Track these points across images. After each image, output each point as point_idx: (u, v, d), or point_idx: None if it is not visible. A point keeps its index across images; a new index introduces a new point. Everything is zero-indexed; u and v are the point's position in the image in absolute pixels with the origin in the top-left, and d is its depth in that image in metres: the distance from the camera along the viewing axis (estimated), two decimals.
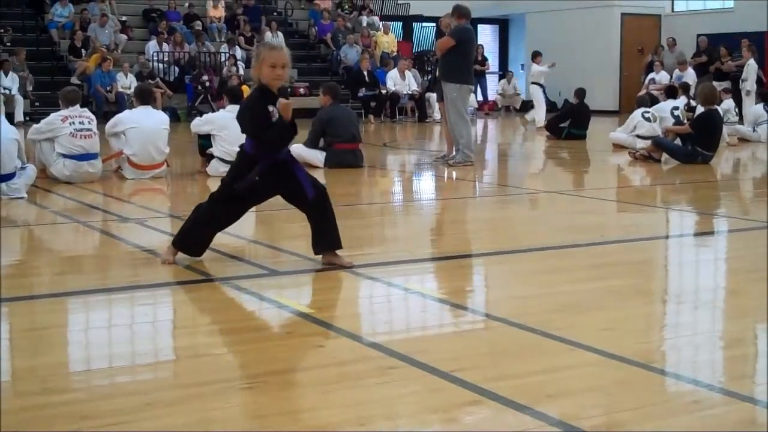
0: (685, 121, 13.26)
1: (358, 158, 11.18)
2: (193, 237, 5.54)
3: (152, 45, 22.28)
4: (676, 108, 13.85)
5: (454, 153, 11.83)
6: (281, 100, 5.20)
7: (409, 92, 22.55)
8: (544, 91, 19.93)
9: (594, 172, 12.80)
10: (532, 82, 20.06)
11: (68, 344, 4.15)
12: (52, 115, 9.87)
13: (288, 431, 3.00)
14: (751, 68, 19.40)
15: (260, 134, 5.27)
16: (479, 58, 23.56)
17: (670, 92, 14.91)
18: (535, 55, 20.07)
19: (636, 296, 4.90)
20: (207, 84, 21.40)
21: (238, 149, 5.51)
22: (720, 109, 13.06)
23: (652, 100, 14.64)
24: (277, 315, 4.48)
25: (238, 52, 22.85)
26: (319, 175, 10.67)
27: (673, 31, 24.26)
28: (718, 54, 21.53)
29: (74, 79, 20.31)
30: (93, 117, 10.01)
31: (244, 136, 5.41)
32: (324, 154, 11.12)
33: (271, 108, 5.19)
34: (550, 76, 20.32)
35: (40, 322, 4.50)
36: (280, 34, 24.46)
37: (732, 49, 21.16)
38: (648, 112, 13.85)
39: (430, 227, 7.80)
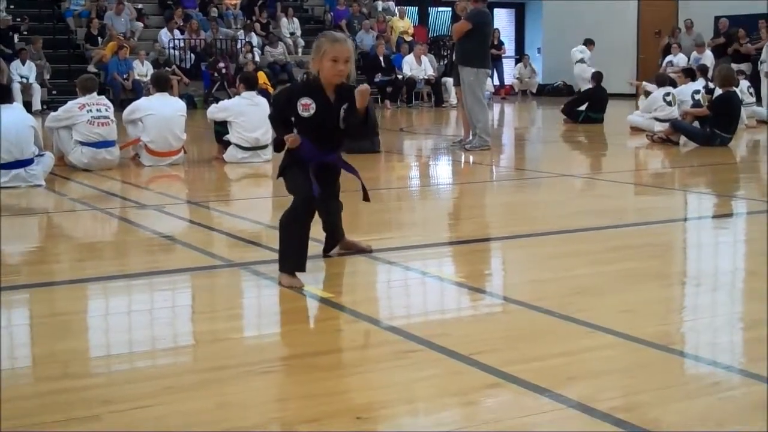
0: (705, 104, 13.17)
1: (374, 143, 11.16)
2: (296, 254, 4.84)
3: (164, 33, 22.28)
4: (697, 92, 13.76)
5: (470, 137, 11.81)
6: (360, 87, 4.79)
7: (425, 77, 22.49)
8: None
9: (611, 155, 12.75)
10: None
11: (88, 330, 4.17)
12: (69, 102, 9.90)
13: (307, 415, 3.01)
14: None
15: (272, 125, 5.13)
16: (495, 43, 23.48)
17: (690, 75, 14.80)
18: (589, 43, 19.96)
19: (654, 279, 4.89)
20: (223, 71, 21.40)
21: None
22: (737, 91, 12.98)
23: (671, 83, 14.54)
24: (295, 299, 4.49)
25: (254, 39, 22.85)
26: None
27: (690, 13, 24.10)
28: (735, 36, 21.38)
29: (91, 67, 20.34)
30: (110, 104, 10.04)
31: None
32: None
33: (307, 101, 4.77)
34: (567, 59, 20.26)
35: (60, 308, 4.53)
36: (295, 20, 24.45)
37: (750, 30, 21.00)
38: (669, 94, 13.77)
39: (447, 212, 7.80)
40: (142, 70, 20.52)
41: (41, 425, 2.94)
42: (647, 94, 14.90)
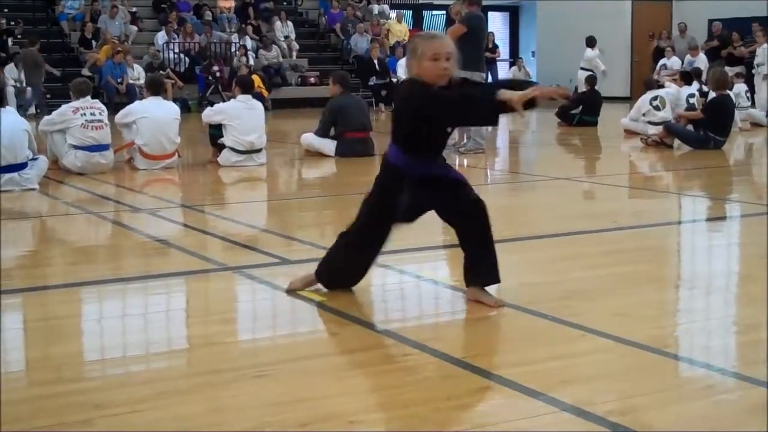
0: (699, 107, 13.19)
1: (369, 147, 11.17)
2: (341, 275, 4.62)
3: (161, 36, 22.29)
4: (692, 95, 13.77)
5: (465, 140, 11.82)
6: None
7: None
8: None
9: (606, 158, 12.77)
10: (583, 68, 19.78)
11: (82, 334, 4.16)
12: (63, 106, 9.89)
13: (301, 419, 3.00)
14: (766, 52, 19.24)
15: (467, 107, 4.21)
16: (490, 46, 23.49)
17: (686, 78, 14.80)
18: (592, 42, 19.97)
19: (648, 282, 4.89)
20: (217, 74, 21.40)
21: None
22: (731, 94, 13.00)
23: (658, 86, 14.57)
24: (289, 303, 4.48)
25: (249, 42, 22.85)
26: (330, 164, 10.69)
27: (684, 17, 24.14)
28: (729, 39, 21.41)
29: (85, 71, 20.32)
30: (104, 108, 10.02)
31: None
32: (335, 143, 11.12)
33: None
34: (561, 62, 20.26)
35: (54, 312, 4.51)
36: (289, 23, 24.45)
37: (744, 33, 21.03)
38: (656, 98, 13.78)
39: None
40: (134, 74, 20.49)
41: (35, 429, 2.93)
42: None
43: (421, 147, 4.32)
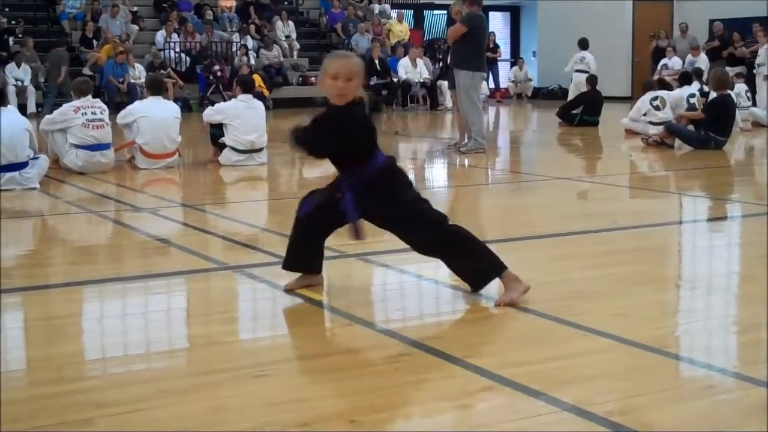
0: (700, 107, 13.19)
1: None
2: (297, 252, 4.66)
3: (160, 35, 22.29)
4: (693, 95, 13.76)
5: (466, 140, 11.82)
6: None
7: (421, 80, 22.50)
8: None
9: (606, 158, 12.77)
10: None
11: (83, 333, 4.17)
12: (64, 105, 9.90)
13: (301, 418, 3.01)
14: (766, 53, 19.22)
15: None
16: (491, 46, 23.49)
17: (686, 79, 14.80)
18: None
19: (649, 282, 4.89)
20: (218, 74, 21.39)
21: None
22: (732, 94, 12.99)
23: (664, 87, 14.55)
24: (290, 303, 4.49)
25: (250, 42, 22.85)
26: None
27: (685, 17, 24.14)
28: (730, 39, 21.41)
29: (86, 70, 20.32)
30: (105, 107, 10.03)
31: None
32: None
33: None
34: (562, 62, 20.28)
35: (55, 311, 4.52)
36: (290, 23, 24.45)
37: (744, 33, 21.02)
38: (656, 98, 13.77)
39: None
40: (135, 73, 20.49)
41: (35, 429, 2.94)
42: None
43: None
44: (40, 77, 20.35)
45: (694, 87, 14.50)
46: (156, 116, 10.01)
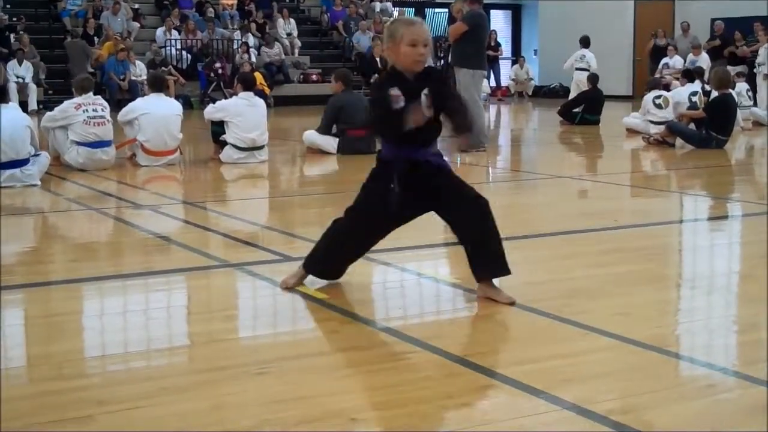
0: (702, 106, 13.17)
1: (371, 145, 11.13)
2: (328, 263, 4.66)
3: (160, 32, 22.28)
4: (695, 94, 13.74)
5: None
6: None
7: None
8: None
9: (607, 157, 12.76)
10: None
11: (83, 330, 4.16)
12: (65, 102, 9.89)
13: (302, 416, 3.01)
14: (767, 52, 19.22)
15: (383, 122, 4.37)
16: (492, 44, 23.47)
17: (688, 77, 14.78)
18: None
19: (650, 281, 4.88)
20: (220, 71, 21.39)
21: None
22: (733, 93, 12.98)
23: (664, 87, 14.54)
24: (290, 300, 4.49)
25: (251, 39, 22.85)
26: (332, 162, 10.69)
27: (686, 16, 24.13)
28: (732, 38, 21.40)
29: (87, 67, 20.32)
30: (106, 104, 10.02)
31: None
32: (337, 140, 11.12)
33: (396, 91, 4.22)
34: (563, 60, 20.27)
35: (55, 308, 4.52)
36: (292, 20, 24.45)
37: (746, 33, 21.02)
38: (659, 97, 13.76)
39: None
40: (136, 71, 20.49)
41: (35, 426, 2.94)
42: None
43: (400, 137, 4.28)
44: (41, 74, 20.34)
45: (697, 85, 14.48)
46: (157, 114, 10.01)
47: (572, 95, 18.85)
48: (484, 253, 4.40)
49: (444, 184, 4.42)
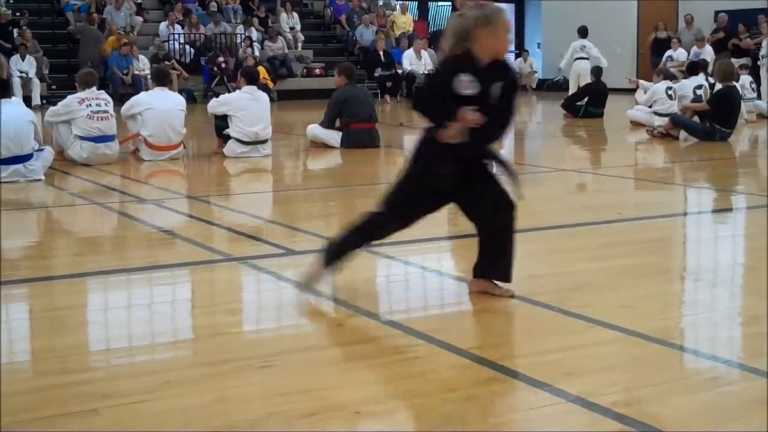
0: (705, 99, 13.14)
1: (374, 138, 11.15)
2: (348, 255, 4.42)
3: (163, 26, 22.28)
4: (700, 87, 13.70)
5: None
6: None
7: (425, 72, 22.45)
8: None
9: (611, 150, 12.75)
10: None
11: (87, 324, 4.17)
12: (69, 97, 9.89)
13: (306, 409, 3.01)
14: None
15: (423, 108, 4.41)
16: None
17: (693, 70, 14.74)
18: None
19: (654, 274, 4.88)
20: (223, 65, 21.37)
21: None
22: (737, 85, 12.95)
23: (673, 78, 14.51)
24: (294, 294, 4.49)
25: (254, 33, 22.83)
26: (336, 155, 10.68)
27: (690, 8, 24.06)
28: (735, 30, 21.36)
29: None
30: (109, 99, 10.02)
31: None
32: (340, 134, 11.11)
33: (467, 77, 4.15)
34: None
35: (60, 302, 4.52)
36: (295, 14, 24.42)
37: (749, 25, 20.98)
38: (671, 88, 13.72)
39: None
40: (139, 65, 20.49)
41: (40, 420, 2.94)
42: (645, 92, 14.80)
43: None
44: (44, 69, 20.34)
45: (701, 78, 14.44)
46: (161, 108, 10.00)
47: (572, 86, 18.85)
48: (501, 257, 4.32)
49: (483, 177, 4.59)
